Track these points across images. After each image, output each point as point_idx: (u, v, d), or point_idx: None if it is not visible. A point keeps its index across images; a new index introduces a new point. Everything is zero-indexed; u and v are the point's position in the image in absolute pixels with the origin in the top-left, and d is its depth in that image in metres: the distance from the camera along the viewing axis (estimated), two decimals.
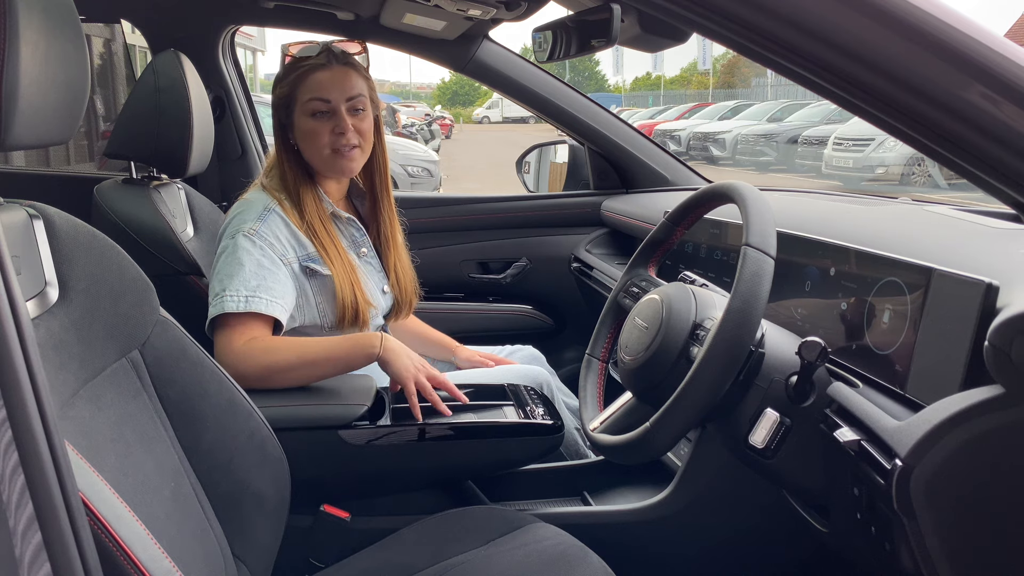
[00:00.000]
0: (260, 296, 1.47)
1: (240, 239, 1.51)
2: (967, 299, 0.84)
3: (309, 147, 1.60)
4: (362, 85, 1.61)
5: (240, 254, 1.49)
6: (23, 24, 0.74)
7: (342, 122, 1.57)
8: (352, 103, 1.59)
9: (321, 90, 1.57)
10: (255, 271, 1.49)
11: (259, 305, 1.46)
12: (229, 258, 1.50)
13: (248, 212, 1.55)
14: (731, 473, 1.37)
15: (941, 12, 0.75)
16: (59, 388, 0.88)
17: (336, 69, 1.59)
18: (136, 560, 0.75)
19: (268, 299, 1.48)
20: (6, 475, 0.54)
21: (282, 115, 1.62)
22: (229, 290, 1.47)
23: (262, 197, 1.59)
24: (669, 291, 1.20)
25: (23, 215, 0.90)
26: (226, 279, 1.48)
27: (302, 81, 1.58)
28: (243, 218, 1.55)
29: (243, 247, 1.50)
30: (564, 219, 2.51)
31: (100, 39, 6.65)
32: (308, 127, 1.58)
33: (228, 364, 1.38)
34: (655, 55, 35.45)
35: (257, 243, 1.51)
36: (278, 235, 1.54)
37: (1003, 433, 0.78)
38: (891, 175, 11.27)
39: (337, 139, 1.58)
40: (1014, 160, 0.76)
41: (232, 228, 1.54)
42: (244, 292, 1.47)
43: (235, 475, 1.13)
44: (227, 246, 1.52)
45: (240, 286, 1.47)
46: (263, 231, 1.52)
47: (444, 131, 23.74)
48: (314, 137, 1.58)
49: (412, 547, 1.26)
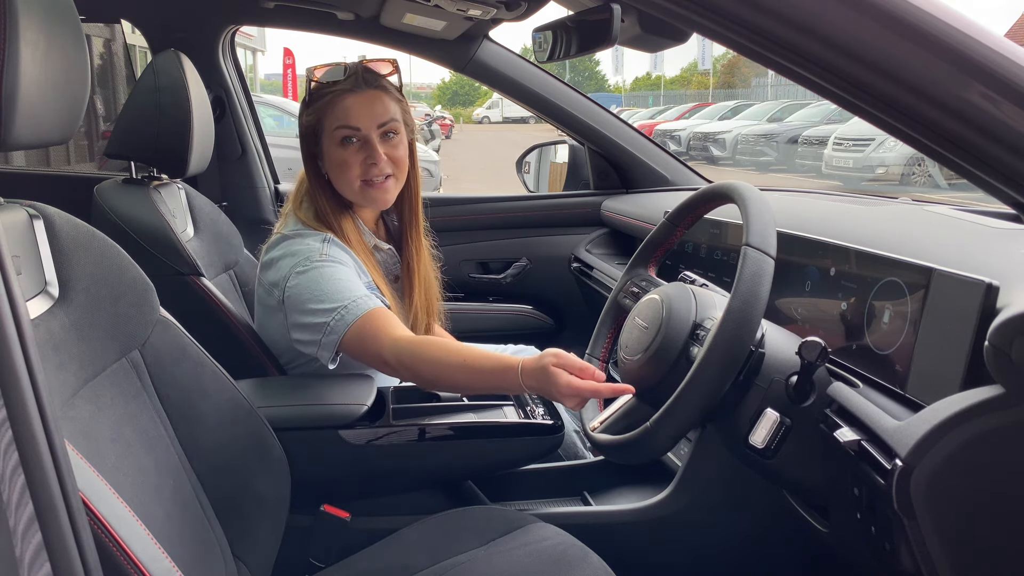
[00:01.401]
0: (368, 296, 1.39)
1: (319, 266, 1.40)
2: (967, 299, 0.84)
3: (340, 178, 1.50)
4: (395, 108, 1.50)
5: (327, 272, 1.40)
6: (23, 24, 0.74)
7: (374, 152, 1.47)
8: (384, 128, 1.49)
9: (350, 117, 1.46)
10: (349, 284, 1.40)
11: (372, 303, 1.37)
12: (314, 288, 1.39)
13: (308, 244, 1.45)
14: (731, 473, 1.37)
15: (941, 12, 0.75)
16: (59, 388, 0.88)
17: (366, 93, 1.47)
18: (136, 560, 0.75)
19: (376, 296, 1.41)
20: (6, 475, 0.55)
21: (311, 144, 1.52)
22: (344, 301, 1.36)
23: (311, 232, 1.48)
24: (669, 291, 1.20)
25: (23, 215, 0.90)
26: (328, 301, 1.37)
27: (330, 108, 1.47)
28: (306, 252, 1.43)
29: (324, 273, 1.40)
30: (564, 219, 2.51)
31: (100, 39, 6.66)
32: (338, 157, 1.48)
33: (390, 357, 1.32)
34: (655, 55, 35.46)
35: (333, 264, 1.42)
36: (344, 260, 1.46)
37: (1003, 433, 0.78)
38: (891, 175, 11.27)
39: (369, 169, 1.48)
40: (1014, 160, 0.76)
41: (300, 267, 1.42)
42: (357, 294, 1.37)
43: (235, 475, 1.13)
44: (300, 283, 1.40)
45: (347, 295, 1.37)
46: (333, 253, 1.43)
47: (444, 131, 23.73)
48: (344, 168, 1.48)
49: (412, 547, 1.26)
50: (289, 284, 1.42)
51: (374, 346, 1.35)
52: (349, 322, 1.35)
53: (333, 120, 1.48)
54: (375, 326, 1.35)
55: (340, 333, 1.36)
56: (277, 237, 1.53)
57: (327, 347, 1.38)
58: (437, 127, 21.04)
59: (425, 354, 1.33)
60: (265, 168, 2.53)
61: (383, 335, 1.34)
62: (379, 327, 1.35)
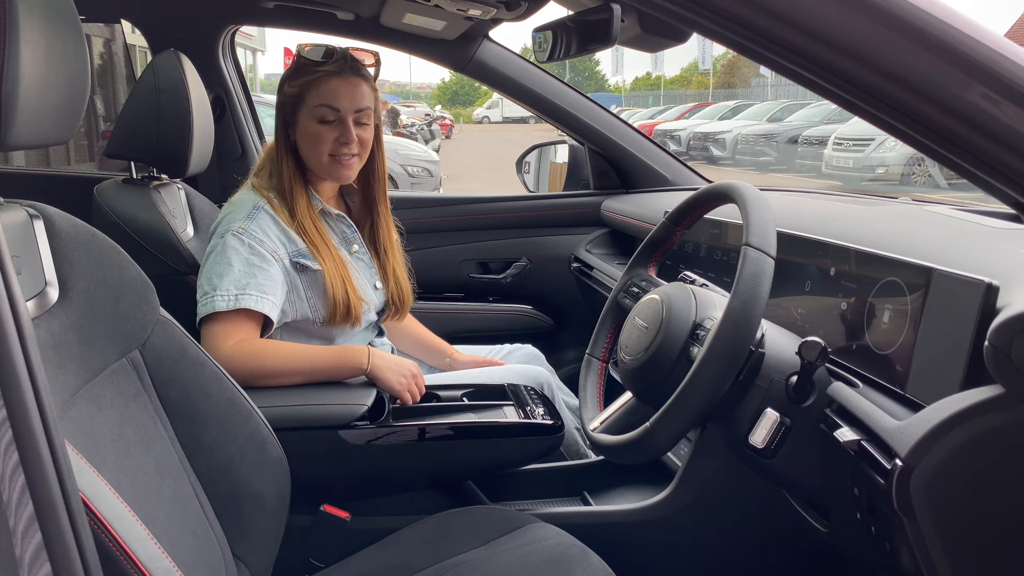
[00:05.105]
0: (250, 293, 1.48)
1: (229, 238, 1.52)
2: (967, 299, 0.84)
3: (309, 150, 1.62)
4: (370, 97, 1.64)
5: (229, 253, 1.51)
6: (23, 24, 0.74)
7: (348, 132, 1.60)
8: (360, 114, 1.61)
9: (332, 98, 1.59)
10: (244, 269, 1.50)
11: (249, 302, 1.47)
12: (218, 257, 1.52)
13: (237, 211, 1.57)
14: (731, 473, 1.37)
15: (941, 12, 0.75)
16: (59, 388, 0.88)
17: (349, 79, 1.60)
18: (136, 560, 0.75)
19: (258, 295, 1.49)
20: (6, 475, 0.54)
21: (287, 113, 1.63)
22: (219, 289, 1.48)
23: (251, 196, 1.60)
24: (669, 291, 1.20)
25: (23, 215, 0.90)
26: (216, 278, 1.49)
27: (314, 85, 1.59)
28: (232, 217, 1.56)
29: (232, 246, 1.51)
30: (564, 219, 2.51)
31: (100, 39, 6.65)
32: (313, 131, 1.60)
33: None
34: (655, 55, 35.46)
35: (246, 241, 1.52)
36: (267, 232, 1.55)
37: (1003, 433, 0.78)
38: (891, 175, 11.28)
39: (339, 147, 1.61)
40: (1014, 160, 0.76)
41: (221, 228, 1.56)
42: (234, 291, 1.48)
43: (235, 475, 1.13)
44: (216, 245, 1.54)
45: (230, 285, 1.48)
46: (252, 229, 1.54)
47: (444, 131, 23.73)
48: (317, 141, 1.60)
49: (412, 547, 1.26)
50: (211, 242, 1.57)
51: (223, 336, 1.46)
52: (218, 307, 1.47)
53: (316, 97, 1.59)
54: (231, 322, 1.47)
55: (210, 309, 1.47)
56: (226, 203, 1.66)
57: (202, 309, 1.49)
58: (437, 127, 21.05)
59: (269, 347, 1.48)
60: None
61: (230, 334, 1.46)
62: (236, 325, 1.47)
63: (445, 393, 1.60)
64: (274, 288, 1.52)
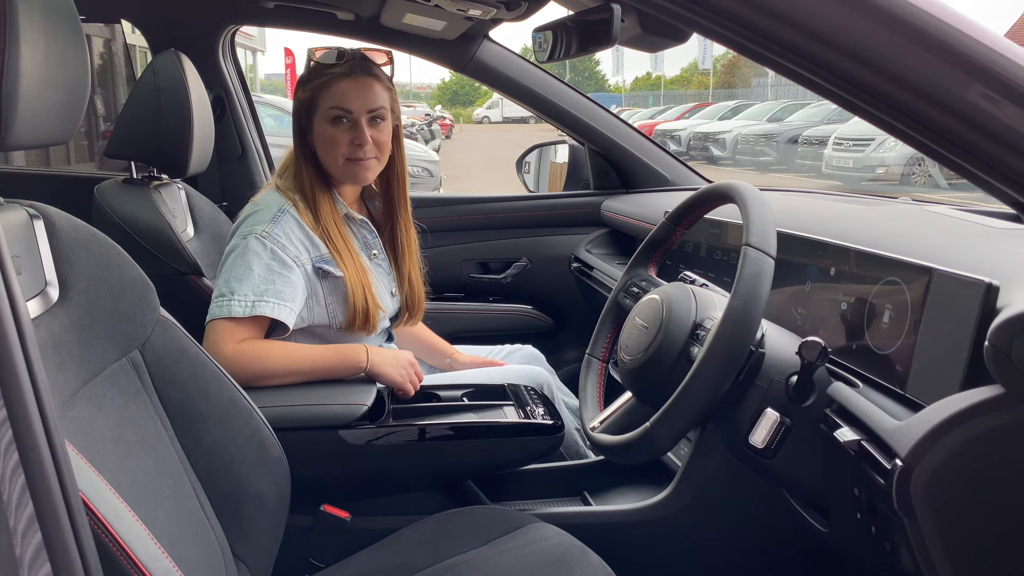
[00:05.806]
0: (267, 300, 1.47)
1: (252, 241, 1.50)
2: (967, 299, 0.84)
3: (326, 153, 1.60)
4: (384, 97, 1.61)
5: (250, 257, 1.49)
6: (23, 24, 0.75)
7: (361, 133, 1.57)
8: (373, 114, 1.59)
9: (343, 100, 1.57)
10: (264, 275, 1.48)
11: (265, 309, 1.46)
12: (239, 259, 1.49)
13: (262, 213, 1.55)
14: (731, 473, 1.37)
15: (941, 12, 0.75)
16: (59, 388, 0.88)
17: (360, 80, 1.58)
18: (136, 560, 0.75)
19: (276, 302, 1.47)
20: (6, 475, 0.54)
21: (302, 118, 1.62)
22: (237, 294, 1.46)
23: (276, 198, 1.58)
24: (669, 291, 1.20)
25: (23, 215, 0.90)
26: (235, 281, 1.47)
27: (325, 88, 1.58)
28: (256, 219, 1.54)
29: (254, 249, 1.49)
30: (564, 219, 2.51)
31: (100, 39, 6.66)
32: (327, 134, 1.58)
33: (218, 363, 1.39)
34: (655, 55, 35.43)
35: (268, 245, 1.50)
36: (291, 236, 1.53)
37: (1003, 433, 0.78)
38: (891, 175, 11.28)
39: (355, 149, 1.58)
40: (1014, 160, 0.76)
41: (244, 229, 1.53)
42: (252, 296, 1.46)
43: (235, 475, 1.13)
44: (237, 246, 1.51)
45: (248, 290, 1.46)
46: (276, 233, 1.51)
47: (444, 131, 23.74)
48: (332, 144, 1.58)
49: (412, 547, 1.26)
50: (232, 241, 1.55)
51: (228, 337, 1.45)
52: (235, 312, 1.46)
53: (328, 100, 1.58)
54: (240, 325, 1.46)
55: (226, 312, 1.46)
56: (250, 202, 1.63)
57: (217, 310, 1.48)
58: (437, 127, 21.05)
59: (271, 348, 1.48)
60: (265, 168, 2.52)
61: (235, 335, 1.46)
62: (243, 328, 1.46)
63: (445, 393, 1.60)
64: (293, 295, 1.50)
